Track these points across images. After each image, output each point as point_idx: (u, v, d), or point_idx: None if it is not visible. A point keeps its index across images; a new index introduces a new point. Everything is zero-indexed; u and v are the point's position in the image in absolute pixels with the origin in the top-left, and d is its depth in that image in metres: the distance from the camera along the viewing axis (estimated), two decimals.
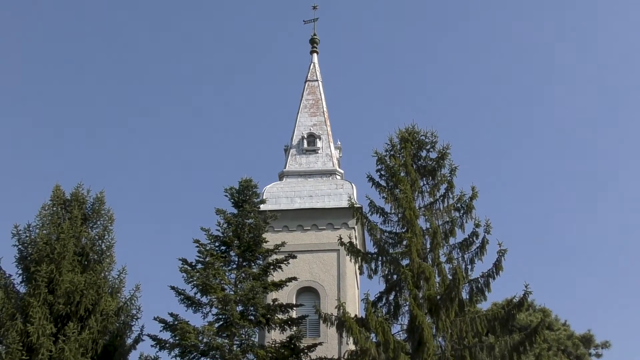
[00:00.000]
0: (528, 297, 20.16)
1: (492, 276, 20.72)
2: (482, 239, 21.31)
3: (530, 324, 25.89)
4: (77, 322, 22.91)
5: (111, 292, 24.78)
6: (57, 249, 23.66)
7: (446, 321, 19.74)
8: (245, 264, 23.19)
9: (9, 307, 22.77)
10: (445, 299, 19.87)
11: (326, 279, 27.55)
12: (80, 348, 22.10)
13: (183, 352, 21.04)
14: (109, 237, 25.86)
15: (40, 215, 24.88)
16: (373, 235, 22.14)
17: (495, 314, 20.22)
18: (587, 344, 30.98)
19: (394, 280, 21.20)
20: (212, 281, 21.67)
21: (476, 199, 22.00)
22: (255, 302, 21.55)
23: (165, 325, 21.31)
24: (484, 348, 19.74)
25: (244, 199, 23.85)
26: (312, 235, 28.67)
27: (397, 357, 18.21)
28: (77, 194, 25.92)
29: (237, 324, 21.14)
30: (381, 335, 18.51)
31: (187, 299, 22.04)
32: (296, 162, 32.02)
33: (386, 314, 20.73)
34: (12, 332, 21.90)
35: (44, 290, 22.88)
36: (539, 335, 19.79)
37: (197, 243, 22.77)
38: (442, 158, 22.72)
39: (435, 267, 20.91)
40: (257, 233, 23.22)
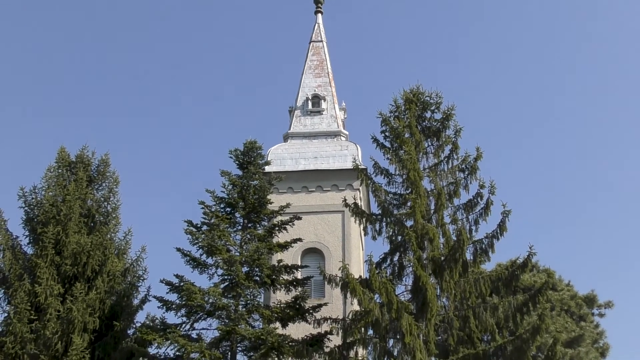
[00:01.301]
0: (532, 258, 20.22)
1: (496, 237, 20.75)
2: (487, 200, 21.30)
3: (534, 285, 26.01)
4: (84, 282, 23.18)
5: (117, 254, 25.03)
6: (63, 210, 23.84)
7: (450, 282, 19.84)
8: (250, 225, 23.28)
9: (17, 268, 23.02)
10: (449, 260, 19.95)
11: (331, 240, 27.69)
12: (88, 308, 22.37)
13: (189, 313, 21.25)
14: (115, 199, 26.08)
15: (45, 177, 25.04)
16: (377, 197, 22.16)
17: (499, 275, 20.31)
18: (590, 304, 31.14)
19: (398, 242, 21.27)
20: (218, 242, 21.77)
21: (481, 160, 21.95)
22: (260, 263, 21.68)
23: (172, 287, 21.48)
24: (487, 308, 19.87)
25: (249, 160, 23.84)
26: (316, 197, 28.75)
27: (401, 318, 18.33)
28: (82, 156, 26.03)
29: (243, 285, 21.29)
30: (385, 296, 18.62)
31: (193, 260, 22.18)
32: (301, 124, 31.94)
33: (390, 275, 20.83)
34: (20, 292, 22.18)
35: (50, 251, 23.11)
36: (543, 295, 19.88)
37: (203, 205, 22.82)
38: (447, 119, 22.60)
39: (439, 228, 20.94)
40: (262, 194, 23.26)
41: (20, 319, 21.59)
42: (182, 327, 21.26)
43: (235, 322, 20.68)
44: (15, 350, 21.37)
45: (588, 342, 28.82)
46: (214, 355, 19.93)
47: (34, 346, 21.53)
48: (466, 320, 19.74)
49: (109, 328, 23.24)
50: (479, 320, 19.70)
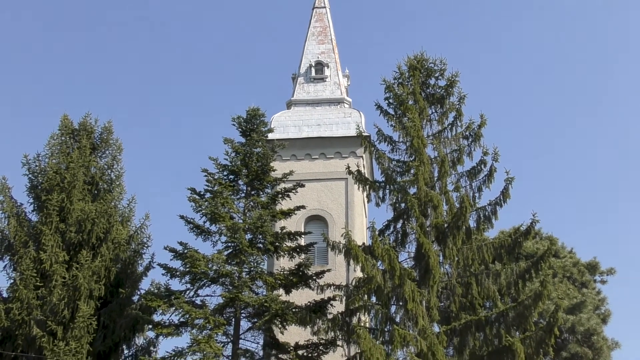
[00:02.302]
0: (535, 225, 20.21)
1: (500, 204, 20.75)
2: (490, 167, 21.27)
3: (537, 252, 26.05)
4: (89, 250, 23.32)
5: (122, 221, 25.13)
6: (67, 178, 23.89)
7: (453, 249, 19.89)
8: (253, 192, 23.31)
9: (22, 235, 23.16)
10: (452, 227, 19.97)
11: (334, 207, 27.73)
12: (94, 275, 22.54)
13: (193, 280, 21.37)
14: (118, 166, 26.13)
15: (49, 145, 25.06)
16: (381, 164, 22.13)
17: (502, 242, 20.35)
18: (593, 271, 31.21)
19: (401, 209, 21.28)
20: (221, 210, 21.82)
21: (485, 127, 21.86)
22: (263, 230, 21.75)
23: (175, 254, 21.58)
24: (490, 275, 19.95)
25: (252, 128, 23.79)
26: (320, 164, 28.73)
27: (403, 284, 18.42)
28: (85, 124, 26.02)
29: (246, 252, 21.39)
30: (387, 263, 18.68)
31: (197, 227, 22.25)
32: (304, 91, 31.80)
33: (393, 242, 20.88)
34: (26, 259, 22.33)
35: (55, 218, 23.21)
36: (545, 262, 19.92)
37: (206, 172, 22.84)
38: (451, 86, 22.47)
39: (442, 195, 20.94)
40: (265, 162, 23.25)
41: (26, 285, 21.78)
42: (186, 294, 21.42)
43: (239, 288, 20.81)
44: (22, 316, 21.58)
45: (589, 308, 28.94)
46: (218, 322, 20.10)
47: (41, 312, 21.74)
48: (468, 286, 19.83)
49: (114, 295, 23.44)
50: (481, 286, 19.80)
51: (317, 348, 21.40)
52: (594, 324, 28.25)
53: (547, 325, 18.56)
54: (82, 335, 21.23)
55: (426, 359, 17.47)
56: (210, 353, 19.19)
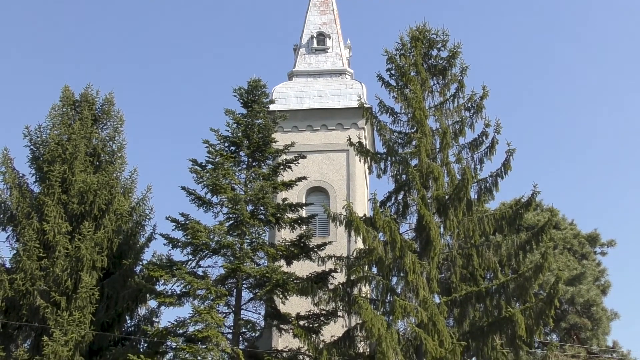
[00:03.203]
0: (536, 197, 20.24)
1: (501, 176, 20.77)
2: (492, 138, 21.26)
3: (538, 224, 26.12)
4: (91, 221, 23.40)
5: (124, 193, 25.18)
6: (68, 149, 23.90)
7: (454, 220, 19.93)
8: (254, 164, 23.32)
9: (24, 206, 23.22)
10: (453, 199, 19.99)
11: (335, 179, 27.74)
12: (96, 246, 22.64)
13: (195, 251, 21.46)
14: (120, 138, 26.11)
15: (50, 116, 25.01)
16: (382, 135, 22.11)
17: (503, 214, 20.38)
18: (593, 243, 31.31)
19: (402, 180, 21.30)
20: (222, 181, 21.84)
21: (487, 98, 21.82)
22: (265, 202, 21.79)
23: (177, 225, 21.65)
24: (490, 247, 20.02)
25: (253, 99, 23.72)
26: (321, 136, 28.67)
27: (404, 256, 18.50)
28: (86, 95, 25.94)
29: (248, 223, 21.45)
30: (389, 235, 18.74)
31: (198, 199, 22.29)
32: (305, 62, 31.63)
33: (394, 214, 20.93)
34: (29, 230, 22.42)
35: (57, 190, 23.26)
36: (546, 234, 19.96)
37: (207, 144, 22.81)
38: (453, 57, 22.35)
39: (444, 167, 20.95)
40: (267, 133, 23.22)
41: (29, 256, 21.89)
42: (188, 265, 21.52)
43: (241, 260, 20.90)
44: (26, 286, 21.74)
45: (589, 279, 29.12)
46: (219, 292, 20.22)
47: (44, 283, 21.89)
48: (469, 258, 19.92)
49: (117, 266, 23.57)
50: (482, 258, 19.88)
51: (318, 318, 21.56)
52: (593, 295, 28.45)
53: (547, 297, 18.66)
54: (85, 306, 21.40)
55: (427, 329, 17.61)
56: (212, 323, 19.33)
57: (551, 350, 18.39)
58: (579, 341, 28.65)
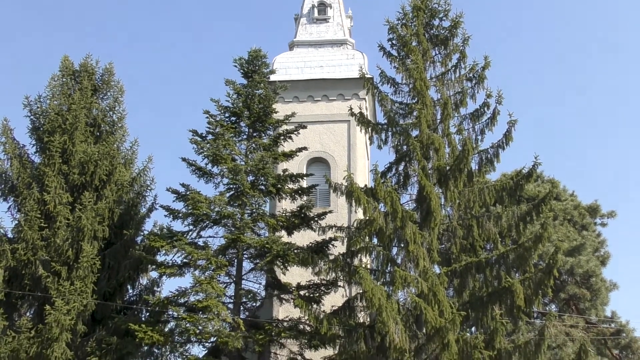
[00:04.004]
0: (537, 168, 20.20)
1: (502, 147, 20.72)
2: (493, 109, 21.16)
3: (538, 195, 26.14)
4: (92, 191, 23.41)
5: (124, 163, 25.16)
6: (68, 119, 23.84)
7: (454, 191, 19.94)
8: (255, 134, 23.27)
9: (25, 176, 23.24)
10: (454, 170, 19.97)
11: (336, 150, 27.71)
12: (97, 217, 22.67)
13: (195, 221, 21.50)
14: (120, 108, 26.03)
15: (50, 86, 24.91)
16: (383, 106, 22.03)
17: (503, 185, 20.37)
18: (593, 214, 31.35)
19: (403, 151, 21.27)
20: (223, 152, 21.81)
21: (488, 69, 21.66)
22: (265, 172, 21.78)
23: (178, 196, 21.67)
24: (491, 217, 20.04)
25: (254, 69, 23.61)
26: (322, 106, 28.58)
27: (405, 226, 18.52)
28: (86, 65, 25.80)
29: (248, 194, 21.46)
30: (389, 205, 18.74)
31: (199, 169, 22.29)
32: (306, 32, 31.42)
33: (395, 184, 20.92)
34: (30, 200, 22.45)
35: (58, 160, 23.24)
36: (546, 205, 19.97)
37: (207, 114, 22.74)
38: (455, 27, 22.16)
39: (445, 137, 20.89)
40: (267, 103, 23.13)
41: (30, 227, 21.95)
42: (188, 235, 21.57)
43: (241, 230, 20.96)
44: (28, 256, 21.83)
45: (589, 250, 29.20)
46: (220, 263, 20.31)
47: (45, 253, 21.98)
48: (470, 229, 19.95)
49: (118, 236, 23.64)
50: (482, 229, 19.91)
51: (318, 288, 21.68)
52: (592, 265, 28.56)
53: (546, 267, 18.72)
54: (86, 276, 21.50)
55: (427, 299, 17.70)
56: (212, 293, 19.44)
57: (550, 320, 18.45)
58: (577, 311, 28.83)
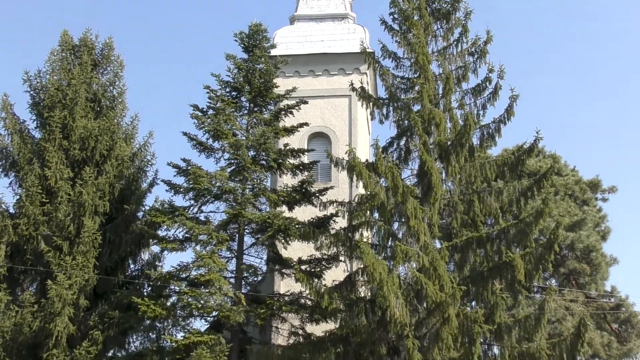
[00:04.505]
0: (538, 143, 20.14)
1: (504, 121, 20.63)
2: (495, 84, 21.04)
3: (539, 170, 26.12)
4: (93, 167, 23.42)
5: (125, 138, 25.13)
6: (69, 94, 23.77)
7: (455, 166, 19.89)
8: (256, 109, 23.20)
9: (26, 152, 23.22)
10: (455, 145, 19.92)
11: (337, 125, 27.63)
12: (98, 192, 22.69)
13: (197, 196, 21.51)
14: (120, 83, 25.95)
15: (49, 61, 24.80)
16: (385, 81, 21.92)
17: (505, 160, 20.33)
18: (595, 189, 31.35)
19: (404, 126, 21.20)
20: (224, 127, 21.76)
21: (491, 43, 21.50)
22: (266, 147, 21.76)
23: (179, 171, 21.67)
24: (492, 193, 20.02)
25: (254, 43, 23.47)
26: (323, 81, 28.44)
27: (406, 201, 18.51)
28: (85, 40, 25.66)
29: (249, 169, 21.46)
30: (390, 180, 18.72)
31: (199, 144, 22.25)
32: (307, 5, 31.17)
33: (396, 159, 20.88)
34: (31, 175, 22.47)
35: (58, 135, 23.22)
36: (548, 180, 19.94)
37: (208, 89, 22.65)
38: (457, 1, 21.97)
39: (446, 112, 20.81)
40: (268, 78, 23.03)
41: (32, 202, 21.99)
42: (190, 210, 21.61)
43: (242, 205, 20.98)
44: (29, 231, 21.90)
45: (590, 226, 29.25)
46: (221, 237, 20.35)
47: (47, 228, 22.03)
48: (471, 204, 19.94)
49: (119, 211, 23.70)
50: (483, 204, 19.91)
51: (319, 263, 21.76)
52: (593, 240, 28.63)
53: (547, 242, 18.74)
54: (88, 250, 21.58)
55: (427, 274, 17.75)
56: (214, 268, 19.52)
57: (550, 295, 18.51)
58: (577, 286, 28.96)
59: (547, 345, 17.39)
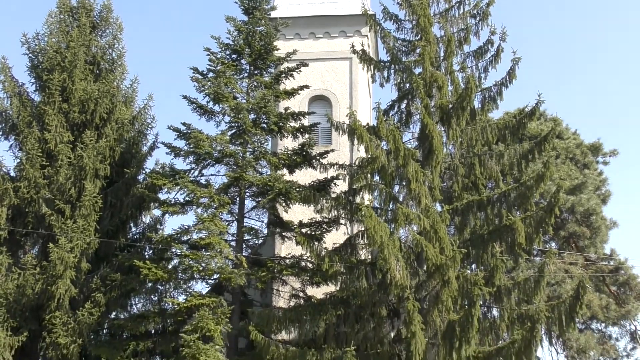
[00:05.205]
0: (540, 106, 20.06)
1: (505, 85, 20.50)
2: (497, 47, 20.89)
3: (541, 133, 26.05)
4: (93, 130, 23.38)
5: (125, 101, 25.03)
6: (67, 57, 23.61)
7: (457, 130, 19.83)
8: (256, 72, 23.05)
9: (25, 115, 23.14)
10: (456, 108, 19.83)
11: (338, 88, 27.47)
12: (99, 155, 22.67)
13: (197, 159, 21.47)
14: (119, 46, 25.75)
15: (47, 24, 24.57)
16: (386, 43, 21.75)
17: (506, 123, 20.27)
18: (596, 152, 31.33)
19: (406, 89, 21.09)
20: (224, 90, 21.64)
21: (493, 5, 21.32)
22: (267, 110, 21.66)
23: (179, 134, 21.60)
24: (493, 156, 20.00)
25: (254, 5, 23.21)
26: (324, 43, 28.21)
27: (407, 165, 18.50)
28: (83, 2, 25.43)
29: (250, 132, 21.40)
30: (392, 143, 18.67)
31: (200, 107, 22.14)
32: None
33: (397, 122, 20.80)
34: (31, 139, 22.43)
35: (58, 98, 23.12)
36: (549, 143, 19.91)
37: (208, 51, 22.46)
38: None
39: (448, 75, 20.68)
40: (268, 41, 22.84)
41: (32, 165, 21.99)
42: (190, 173, 21.60)
43: (243, 168, 20.96)
44: (31, 194, 21.93)
45: (590, 189, 29.30)
46: (222, 201, 20.37)
47: (48, 191, 22.06)
48: (471, 167, 19.94)
49: (120, 175, 23.70)
50: (484, 167, 19.90)
51: (320, 226, 21.80)
52: (593, 204, 28.70)
53: (547, 205, 18.75)
54: (89, 214, 21.63)
55: (428, 236, 17.81)
56: (215, 231, 19.57)
57: (549, 258, 18.58)
58: (577, 249, 29.10)
59: (546, 308, 17.50)
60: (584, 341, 27.53)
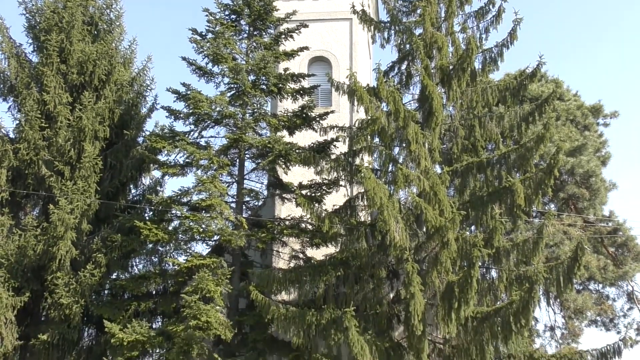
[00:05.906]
0: (541, 68, 19.93)
1: (506, 46, 20.31)
2: (499, 7, 20.64)
3: (541, 95, 25.93)
4: (92, 91, 23.28)
5: (123, 63, 24.88)
6: (65, 17, 23.41)
7: (457, 91, 19.72)
8: (256, 33, 22.85)
9: (23, 76, 23.02)
10: (457, 69, 19.71)
11: (338, 49, 27.25)
12: (98, 117, 22.62)
13: (197, 121, 21.40)
14: (117, 6, 25.54)
15: None
16: (386, 3, 21.53)
17: (507, 84, 20.14)
18: (596, 114, 31.21)
19: (406, 50, 20.92)
20: (223, 51, 21.48)
21: None
22: (266, 72, 21.52)
23: (178, 96, 21.47)
24: (493, 118, 19.91)
25: None
26: (323, 4, 27.90)
27: (407, 126, 18.45)
28: None
29: (249, 93, 21.30)
30: (392, 105, 18.60)
31: (199, 69, 21.99)
32: None
33: (398, 84, 20.69)
34: (29, 100, 22.34)
35: (56, 59, 22.98)
36: (549, 105, 19.80)
37: (207, 12, 22.25)
38: None
39: (448, 36, 20.51)
40: (268, 1, 22.57)
41: (31, 127, 21.94)
42: (190, 135, 21.55)
43: (243, 130, 20.91)
44: (30, 156, 21.93)
45: (590, 151, 29.26)
46: (222, 162, 20.37)
47: (48, 153, 22.05)
48: (471, 129, 19.88)
49: (120, 136, 23.68)
50: (484, 129, 19.83)
51: (320, 188, 21.82)
52: (593, 166, 28.69)
53: (547, 167, 18.72)
54: (89, 175, 21.66)
55: (427, 198, 17.83)
56: (215, 192, 19.60)
57: (548, 219, 18.61)
58: (576, 211, 29.18)
59: (544, 269, 17.59)
60: (582, 302, 27.78)
